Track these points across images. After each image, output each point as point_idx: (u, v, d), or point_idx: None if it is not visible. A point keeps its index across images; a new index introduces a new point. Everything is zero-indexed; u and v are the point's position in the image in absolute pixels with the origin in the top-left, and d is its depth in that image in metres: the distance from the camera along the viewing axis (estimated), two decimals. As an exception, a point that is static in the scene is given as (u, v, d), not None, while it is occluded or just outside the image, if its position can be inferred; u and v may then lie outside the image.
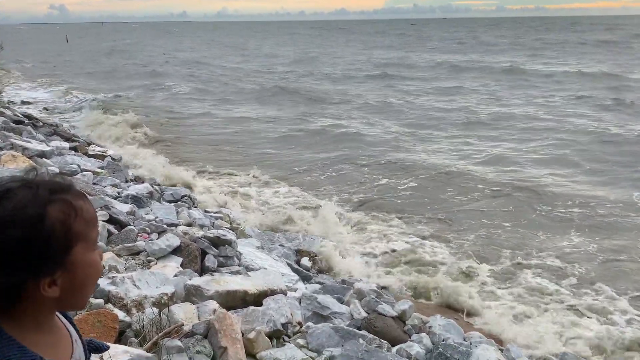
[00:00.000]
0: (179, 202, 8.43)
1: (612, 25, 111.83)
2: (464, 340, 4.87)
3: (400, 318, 4.95)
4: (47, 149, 9.32)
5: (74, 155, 9.88)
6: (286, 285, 5.26)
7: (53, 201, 1.13)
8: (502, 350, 4.86)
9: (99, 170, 9.03)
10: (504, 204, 10.39)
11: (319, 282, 6.20)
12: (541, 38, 69.65)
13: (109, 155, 10.86)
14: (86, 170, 8.49)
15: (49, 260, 1.11)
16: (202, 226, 7.05)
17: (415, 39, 78.00)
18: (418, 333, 4.82)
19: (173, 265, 5.16)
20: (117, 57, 49.42)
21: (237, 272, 5.31)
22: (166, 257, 5.30)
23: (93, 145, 12.33)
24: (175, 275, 4.87)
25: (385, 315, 4.84)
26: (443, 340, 4.62)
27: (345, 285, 5.78)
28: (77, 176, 7.83)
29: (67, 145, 10.90)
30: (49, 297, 1.14)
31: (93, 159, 10.05)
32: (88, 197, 1.24)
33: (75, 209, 1.16)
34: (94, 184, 7.80)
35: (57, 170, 7.66)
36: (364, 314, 4.90)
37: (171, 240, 5.44)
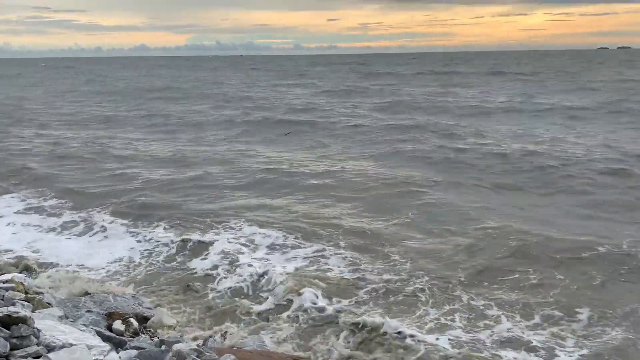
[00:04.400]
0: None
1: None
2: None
3: (226, 374, 4.80)
4: None
5: None
6: (96, 359, 4.76)
7: None
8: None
9: None
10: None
11: (135, 347, 5.73)
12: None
13: None
14: None
15: None
16: (-13, 303, 6.06)
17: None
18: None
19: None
20: None
21: (36, 354, 4.65)
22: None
23: None
24: (-46, 372, 4.10)
25: (209, 376, 4.65)
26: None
27: (163, 348, 5.44)
28: None
29: None
30: None
31: None
32: None
33: None
34: None
35: None
36: (186, 377, 4.65)
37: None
